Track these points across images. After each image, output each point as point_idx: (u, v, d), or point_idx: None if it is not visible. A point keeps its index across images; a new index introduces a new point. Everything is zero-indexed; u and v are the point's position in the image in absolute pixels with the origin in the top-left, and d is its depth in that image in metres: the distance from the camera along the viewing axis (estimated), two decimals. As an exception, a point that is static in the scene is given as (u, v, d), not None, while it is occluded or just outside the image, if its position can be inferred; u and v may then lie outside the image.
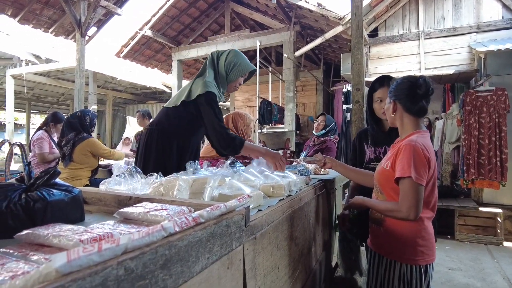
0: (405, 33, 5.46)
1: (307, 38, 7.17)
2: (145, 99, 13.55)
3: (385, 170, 1.43)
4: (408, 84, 1.42)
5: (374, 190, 1.58)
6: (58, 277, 0.39)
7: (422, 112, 1.44)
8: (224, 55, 1.97)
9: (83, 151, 3.03)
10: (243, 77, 2.05)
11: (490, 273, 3.27)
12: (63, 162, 3.02)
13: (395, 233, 1.41)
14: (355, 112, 3.17)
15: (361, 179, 1.75)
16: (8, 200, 0.78)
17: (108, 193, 1.09)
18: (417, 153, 1.30)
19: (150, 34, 7.10)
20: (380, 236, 1.48)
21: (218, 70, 1.97)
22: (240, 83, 2.05)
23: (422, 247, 1.38)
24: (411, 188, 1.26)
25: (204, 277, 0.67)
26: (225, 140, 1.77)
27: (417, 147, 1.31)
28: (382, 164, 1.50)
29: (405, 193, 1.28)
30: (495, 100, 4.22)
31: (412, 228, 1.38)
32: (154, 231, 0.52)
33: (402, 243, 1.39)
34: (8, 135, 8.99)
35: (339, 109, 7.48)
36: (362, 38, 3.18)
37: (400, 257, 1.40)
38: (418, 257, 1.38)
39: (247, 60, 2.03)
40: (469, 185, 4.43)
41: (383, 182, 1.46)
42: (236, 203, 0.78)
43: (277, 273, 1.18)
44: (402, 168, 1.29)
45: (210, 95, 1.81)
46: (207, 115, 1.80)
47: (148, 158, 1.91)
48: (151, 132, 1.94)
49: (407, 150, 1.31)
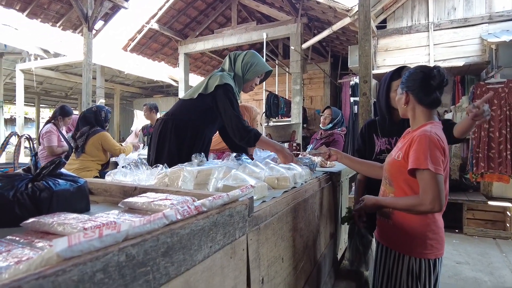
0: (414, 24, 5.37)
1: (315, 30, 7.10)
2: (152, 93, 13.61)
3: (397, 161, 1.40)
4: (422, 74, 1.38)
5: (382, 182, 1.56)
6: (59, 262, 0.39)
7: (436, 104, 1.39)
8: (241, 56, 2.03)
9: (95, 144, 3.10)
10: (259, 78, 2.09)
11: (499, 267, 3.24)
12: (75, 153, 3.10)
13: (404, 226, 1.38)
14: (362, 104, 3.14)
15: (367, 171, 1.74)
16: (15, 190, 0.79)
17: (113, 183, 1.10)
18: (434, 143, 1.26)
19: (157, 27, 7.10)
20: (388, 229, 1.46)
21: (235, 70, 2.01)
22: (256, 83, 2.09)
23: (432, 241, 1.36)
24: (432, 180, 1.22)
25: (206, 265, 0.67)
26: (240, 132, 1.79)
27: (433, 137, 1.27)
28: (392, 155, 1.47)
29: (426, 185, 1.23)
30: (507, 92, 4.14)
31: (422, 221, 1.36)
32: (156, 219, 0.53)
33: (411, 236, 1.37)
34: (19, 129, 9.13)
35: (347, 102, 7.41)
36: (370, 29, 3.13)
37: (409, 250, 1.38)
38: (427, 251, 1.36)
39: (264, 61, 2.10)
40: (478, 179, 4.37)
41: (394, 173, 1.42)
42: (239, 193, 0.78)
43: (281, 264, 1.18)
44: (417, 159, 1.25)
45: (227, 87, 1.84)
46: (224, 106, 1.83)
47: (162, 147, 1.93)
48: (165, 122, 1.97)
49: (422, 141, 1.27)
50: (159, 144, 1.95)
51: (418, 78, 1.39)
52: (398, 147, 1.48)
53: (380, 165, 1.68)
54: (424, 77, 1.37)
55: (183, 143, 1.93)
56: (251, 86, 2.09)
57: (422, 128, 1.36)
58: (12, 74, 10.21)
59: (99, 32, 6.29)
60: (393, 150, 1.52)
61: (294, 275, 1.32)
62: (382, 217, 1.49)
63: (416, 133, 1.35)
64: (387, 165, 1.48)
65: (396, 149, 1.48)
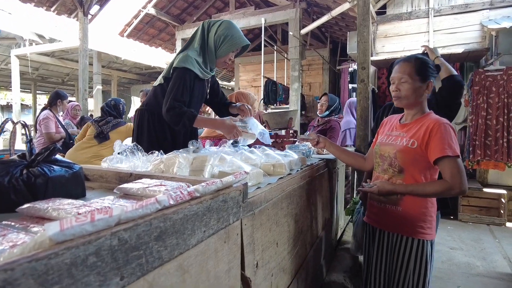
0: (414, 10, 5.29)
1: (313, 15, 6.99)
2: (149, 79, 13.50)
3: (411, 149, 1.39)
4: (430, 64, 1.47)
5: (380, 170, 1.53)
6: (52, 245, 0.40)
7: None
8: (215, 27, 1.81)
9: (123, 133, 3.09)
10: (234, 52, 1.88)
11: (491, 253, 3.30)
12: (97, 139, 3.04)
13: (413, 211, 1.42)
14: (360, 91, 3.13)
15: (351, 161, 1.78)
16: (10, 176, 0.80)
17: (109, 170, 1.11)
18: (453, 131, 1.35)
19: (154, 12, 6.98)
20: (396, 216, 1.45)
21: (208, 43, 1.82)
22: (230, 58, 1.88)
23: (432, 223, 1.44)
24: (459, 165, 1.30)
25: (200, 249, 0.69)
26: (172, 117, 1.67)
27: (449, 126, 1.36)
28: (401, 143, 1.44)
29: (455, 170, 1.29)
30: (505, 80, 4.12)
31: (428, 204, 1.42)
32: (148, 204, 0.54)
33: (421, 220, 1.41)
34: (15, 116, 9.09)
35: (346, 88, 7.37)
36: (369, 15, 3.09)
37: (419, 233, 1.41)
38: (432, 231, 1.43)
39: (241, 33, 1.85)
40: (474, 166, 4.40)
41: (408, 161, 1.41)
42: (232, 179, 0.79)
43: (276, 249, 1.20)
44: (447, 147, 1.30)
45: (182, 71, 1.69)
46: (169, 90, 1.69)
47: (141, 140, 1.84)
48: (142, 113, 1.88)
49: (444, 130, 1.33)
50: (138, 138, 1.86)
51: (433, 68, 1.47)
52: (402, 135, 1.46)
53: (363, 157, 1.75)
54: (431, 66, 1.47)
55: (162, 133, 1.83)
56: (224, 62, 1.88)
57: (431, 117, 1.43)
58: (7, 60, 10.07)
59: (94, 17, 6.19)
60: (399, 138, 1.47)
61: (289, 259, 1.35)
62: (389, 205, 1.48)
63: (430, 122, 1.38)
64: (398, 153, 1.43)
65: (403, 136, 1.45)
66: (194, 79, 1.77)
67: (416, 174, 1.40)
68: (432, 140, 1.34)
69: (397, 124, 1.54)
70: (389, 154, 1.47)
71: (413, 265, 1.41)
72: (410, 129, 1.46)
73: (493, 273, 2.85)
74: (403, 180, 1.43)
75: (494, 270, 2.91)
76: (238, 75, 9.54)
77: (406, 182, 1.42)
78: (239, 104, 2.06)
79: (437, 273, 2.79)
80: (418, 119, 1.46)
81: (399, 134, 1.49)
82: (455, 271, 2.89)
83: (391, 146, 1.48)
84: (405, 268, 1.43)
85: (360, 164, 1.73)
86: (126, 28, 7.37)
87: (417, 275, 1.40)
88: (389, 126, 1.59)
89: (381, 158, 1.52)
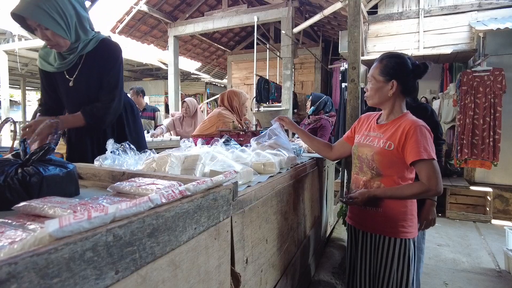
0: (405, 10, 5.37)
1: (306, 14, 7.03)
2: (141, 76, 13.39)
3: (388, 151, 1.39)
4: (406, 63, 1.41)
5: (360, 172, 1.54)
6: (51, 241, 0.43)
7: (416, 94, 1.46)
8: None
9: None
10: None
11: (476, 249, 3.40)
12: None
13: (394, 212, 1.43)
14: (351, 91, 3.18)
15: (315, 147, 1.81)
16: (5, 175, 0.82)
17: (102, 168, 1.13)
18: (428, 133, 1.36)
19: (146, 9, 6.94)
20: (377, 218, 1.47)
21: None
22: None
23: (413, 221, 1.46)
24: (435, 167, 1.32)
25: (191, 246, 0.72)
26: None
27: (424, 128, 1.36)
28: (378, 144, 1.44)
29: (431, 173, 1.31)
30: (492, 81, 4.22)
31: (407, 202, 1.44)
32: (141, 202, 0.56)
33: (402, 220, 1.43)
34: (4, 112, 8.95)
35: (337, 87, 7.44)
36: (360, 15, 3.13)
37: (400, 233, 1.43)
38: (413, 230, 1.46)
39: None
40: (462, 164, 4.50)
41: (386, 163, 1.42)
42: (222, 178, 0.82)
43: (266, 245, 1.24)
44: (423, 150, 1.31)
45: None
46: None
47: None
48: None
49: (420, 133, 1.34)
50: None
51: (406, 67, 1.40)
52: (379, 136, 1.46)
53: (330, 145, 1.78)
54: (412, 66, 1.41)
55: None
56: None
57: (407, 118, 1.41)
58: (-4, 55, 9.89)
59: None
60: (375, 140, 1.47)
61: (278, 256, 1.39)
62: (369, 208, 1.49)
63: (406, 124, 1.37)
64: (375, 155, 1.43)
65: (380, 138, 1.45)
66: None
67: (394, 175, 1.41)
68: (408, 143, 1.34)
69: (375, 124, 1.53)
70: (367, 156, 1.47)
71: (397, 264, 1.43)
72: (386, 130, 1.45)
73: (478, 269, 2.94)
74: (381, 181, 1.44)
75: (478, 266, 3.00)
76: (230, 72, 9.54)
77: (384, 183, 1.43)
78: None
79: (424, 269, 2.86)
80: (394, 120, 1.45)
81: (376, 135, 1.48)
82: (441, 267, 2.97)
83: (369, 147, 1.47)
84: (389, 267, 1.44)
85: (326, 153, 1.77)
86: (118, 24, 7.31)
87: (400, 273, 1.43)
88: (367, 125, 1.58)
89: (359, 159, 1.53)
